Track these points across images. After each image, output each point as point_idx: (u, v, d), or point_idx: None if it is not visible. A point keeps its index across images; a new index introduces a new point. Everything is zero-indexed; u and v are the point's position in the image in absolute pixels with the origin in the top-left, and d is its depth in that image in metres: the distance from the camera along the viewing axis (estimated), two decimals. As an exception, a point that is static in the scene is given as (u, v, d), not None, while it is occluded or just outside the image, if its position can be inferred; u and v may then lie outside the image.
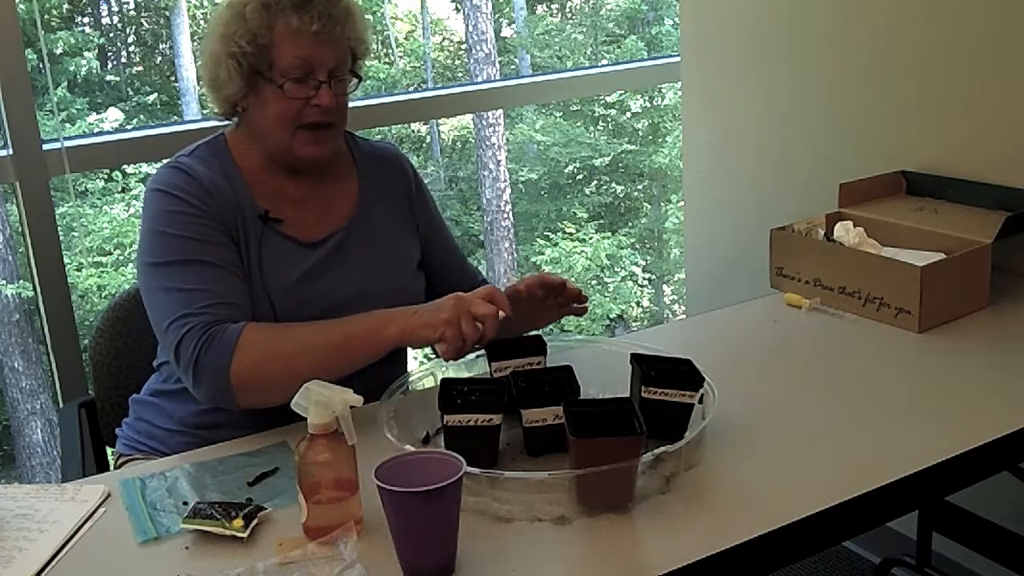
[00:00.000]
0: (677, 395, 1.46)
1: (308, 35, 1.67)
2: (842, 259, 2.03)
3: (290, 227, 1.77)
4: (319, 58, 1.68)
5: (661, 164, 11.81)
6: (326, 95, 1.69)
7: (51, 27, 10.12)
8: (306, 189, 1.81)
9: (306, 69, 1.68)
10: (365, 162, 1.89)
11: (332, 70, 1.70)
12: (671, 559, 1.22)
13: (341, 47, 1.72)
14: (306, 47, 1.67)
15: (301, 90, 1.69)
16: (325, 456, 1.27)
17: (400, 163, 1.94)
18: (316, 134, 1.72)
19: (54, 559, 1.31)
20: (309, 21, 1.66)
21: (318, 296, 1.74)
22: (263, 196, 1.77)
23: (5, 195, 8.22)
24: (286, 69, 1.68)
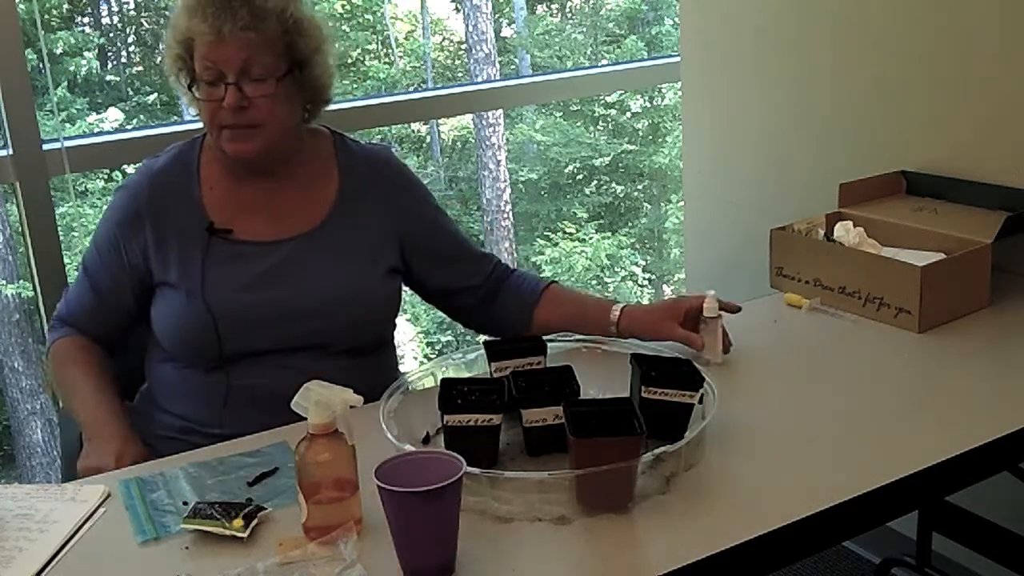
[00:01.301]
0: (677, 395, 1.46)
1: (215, 36, 1.65)
2: (842, 259, 2.03)
3: (244, 232, 1.77)
4: (224, 59, 1.66)
5: (661, 164, 11.81)
6: (231, 96, 1.66)
7: (51, 27, 10.12)
8: (269, 193, 1.80)
9: (215, 71, 1.67)
10: (350, 165, 1.86)
11: (242, 70, 1.67)
12: (671, 559, 1.22)
13: (255, 46, 1.67)
14: (212, 49, 1.66)
15: (213, 92, 1.68)
16: (325, 456, 1.26)
17: (388, 165, 1.90)
18: (236, 133, 1.70)
19: (54, 559, 1.31)
20: (215, 23, 1.65)
21: (263, 302, 1.73)
22: (218, 203, 1.78)
23: (5, 195, 8.22)
24: (199, 71, 1.69)
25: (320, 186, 1.83)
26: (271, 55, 1.69)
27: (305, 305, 1.74)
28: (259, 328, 1.73)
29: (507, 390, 1.49)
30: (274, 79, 1.69)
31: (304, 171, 1.82)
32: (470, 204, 12.20)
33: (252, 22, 1.66)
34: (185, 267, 1.74)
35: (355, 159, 1.87)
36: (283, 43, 1.71)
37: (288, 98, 1.73)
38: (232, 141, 1.71)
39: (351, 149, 1.88)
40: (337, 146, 1.88)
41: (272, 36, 1.69)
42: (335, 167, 1.85)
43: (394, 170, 1.90)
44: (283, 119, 1.74)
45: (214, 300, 1.71)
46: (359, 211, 1.83)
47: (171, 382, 1.80)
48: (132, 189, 1.81)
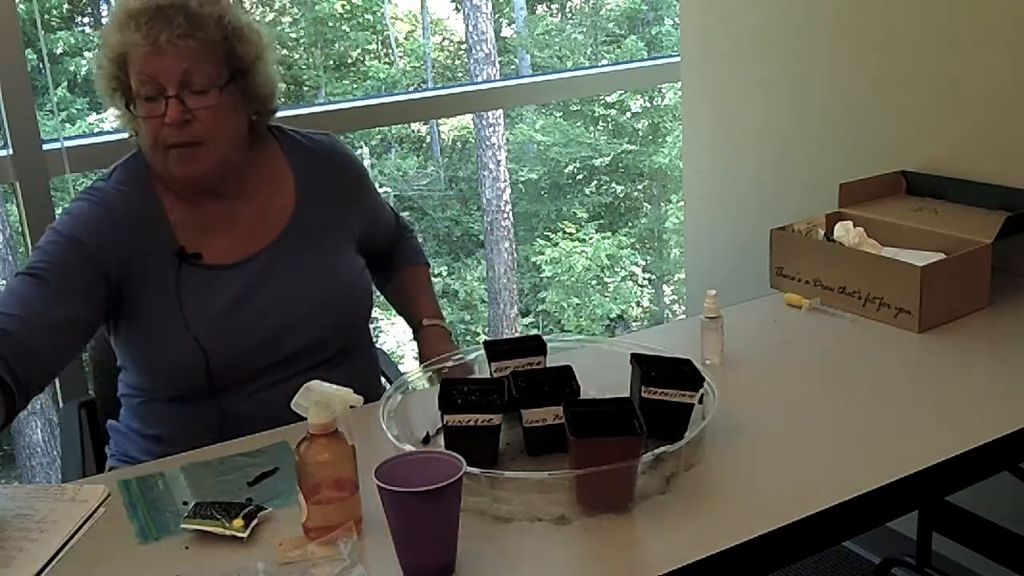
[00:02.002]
0: (677, 395, 1.46)
1: (151, 47, 1.57)
2: (842, 259, 2.03)
3: (212, 256, 1.70)
4: (162, 71, 1.57)
5: (661, 164, 11.81)
6: (173, 110, 1.57)
7: (51, 27, 10.12)
8: (228, 211, 1.73)
9: (153, 86, 1.58)
10: (301, 164, 1.80)
11: (182, 82, 1.58)
12: (671, 559, 1.22)
13: (195, 55, 1.59)
14: (149, 61, 1.58)
15: (154, 108, 1.59)
16: (325, 456, 1.26)
17: (334, 157, 1.85)
18: (183, 153, 1.61)
19: (54, 559, 1.31)
20: (150, 32, 1.57)
21: (246, 325, 1.68)
22: (184, 226, 1.70)
23: (5, 195, 8.22)
24: (136, 88, 1.60)
25: (276, 194, 1.77)
26: (211, 63, 1.61)
27: (293, 317, 1.70)
28: (250, 352, 1.68)
29: (507, 390, 1.49)
30: (217, 89, 1.61)
31: (258, 183, 1.76)
32: (470, 204, 12.20)
33: (189, 29, 1.58)
34: (159, 297, 1.66)
35: (304, 154, 1.82)
36: (223, 50, 1.63)
37: (232, 108, 1.65)
38: (179, 163, 1.62)
39: (298, 144, 1.83)
40: (284, 145, 1.81)
41: (211, 43, 1.61)
42: (288, 169, 1.80)
43: (341, 158, 1.87)
44: (229, 132, 1.66)
45: (199, 333, 1.64)
46: (319, 207, 1.79)
47: (156, 414, 1.73)
48: (99, 206, 1.67)
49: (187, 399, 1.70)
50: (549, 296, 11.16)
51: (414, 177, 12.22)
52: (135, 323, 1.69)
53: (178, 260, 1.68)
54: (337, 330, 1.75)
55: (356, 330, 1.82)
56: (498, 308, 11.04)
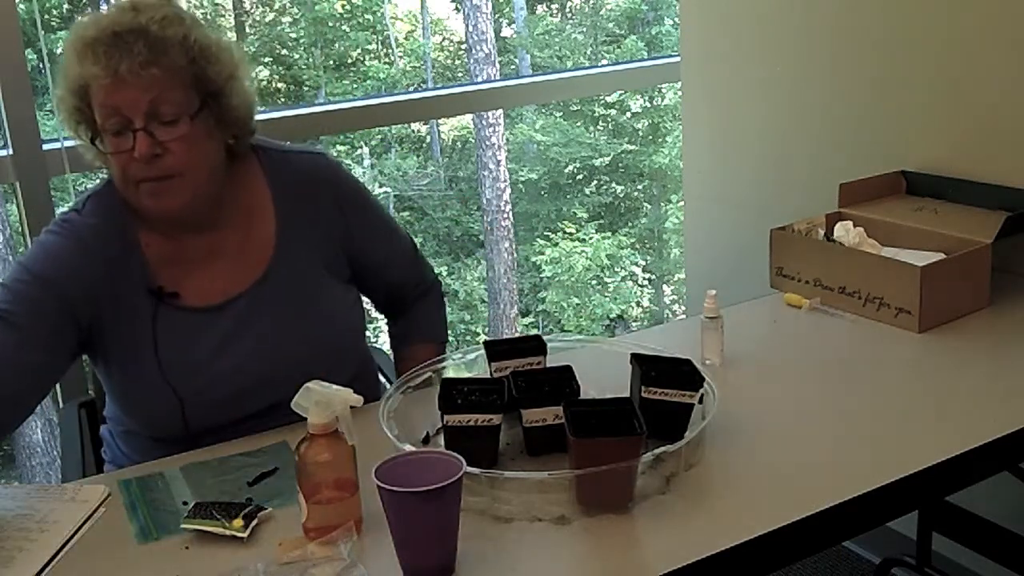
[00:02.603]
0: (677, 395, 1.46)
1: (111, 79, 1.45)
2: (842, 259, 2.02)
3: (191, 296, 1.60)
4: (127, 103, 1.46)
5: (661, 164, 11.81)
6: (142, 144, 1.46)
7: (51, 27, 10.11)
8: (208, 245, 1.62)
9: (119, 118, 1.47)
10: (283, 187, 1.68)
11: (148, 113, 1.47)
12: (671, 559, 1.22)
13: (160, 84, 1.47)
14: (111, 93, 1.46)
15: (121, 143, 1.48)
16: (325, 456, 1.26)
17: (322, 179, 1.71)
18: (155, 187, 1.50)
19: (54, 559, 1.31)
20: (109, 63, 1.45)
21: (227, 374, 1.59)
22: (160, 262, 1.60)
23: (5, 195, 8.22)
24: (101, 122, 1.49)
25: (257, 220, 1.66)
26: (179, 90, 1.49)
27: (272, 366, 1.60)
28: (227, 402, 1.60)
29: (507, 390, 1.49)
30: (188, 117, 1.50)
31: (237, 208, 1.64)
32: (470, 204, 12.20)
33: (152, 56, 1.46)
34: (134, 338, 1.58)
35: (286, 174, 1.69)
36: (190, 74, 1.51)
37: (207, 136, 1.54)
38: (152, 196, 1.51)
39: (281, 162, 1.70)
40: (265, 165, 1.68)
41: (177, 68, 1.49)
42: (267, 191, 1.67)
43: (330, 179, 1.72)
44: (204, 162, 1.54)
45: (175, 379, 1.56)
46: (301, 234, 1.67)
47: (138, 447, 1.68)
48: (70, 239, 1.58)
49: (165, 441, 1.61)
50: (549, 296, 11.17)
51: (414, 177, 12.22)
52: (110, 361, 1.62)
53: (155, 300, 1.59)
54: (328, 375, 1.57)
55: (350, 363, 1.71)
56: (498, 308, 11.04)
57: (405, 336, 1.91)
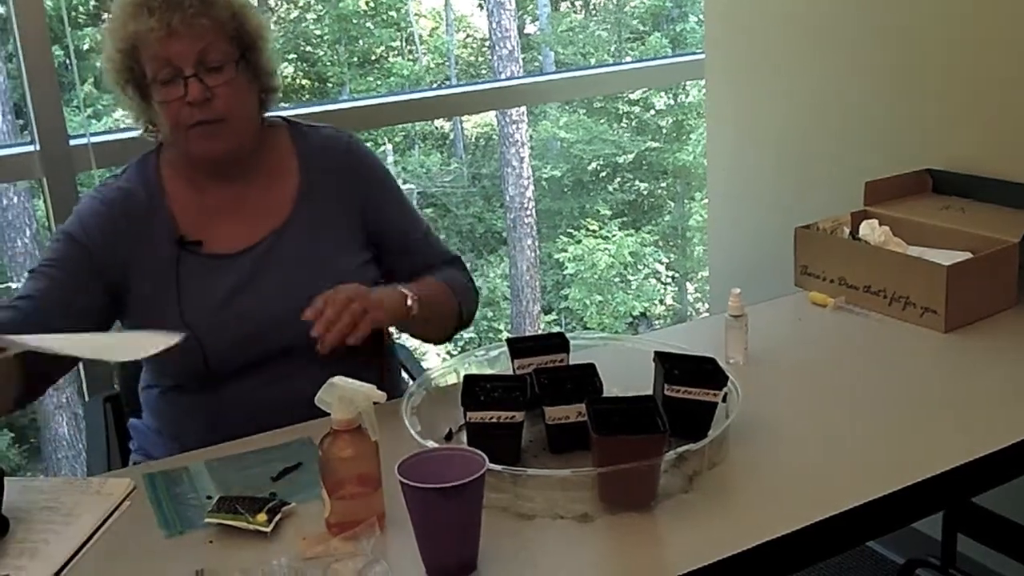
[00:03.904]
0: (700, 393, 1.45)
1: (165, 31, 1.60)
2: (867, 258, 2.01)
3: (212, 244, 1.72)
4: (179, 53, 1.61)
5: (685, 162, 11.76)
6: (194, 89, 1.61)
7: (78, 24, 10.18)
8: (234, 196, 1.75)
9: (170, 68, 1.61)
10: (309, 158, 1.80)
11: (198, 61, 1.62)
12: (693, 558, 1.22)
13: (208, 34, 1.62)
14: (164, 45, 1.61)
15: (172, 91, 1.62)
16: (348, 452, 1.27)
17: (349, 155, 1.82)
18: (204, 129, 1.64)
19: (79, 551, 1.32)
20: (163, 16, 1.60)
21: (243, 315, 1.69)
22: (185, 213, 1.73)
23: (32, 191, 8.29)
24: (152, 74, 1.63)
25: (281, 181, 1.78)
26: (224, 41, 1.65)
27: (285, 310, 1.65)
28: (243, 342, 1.68)
29: (530, 387, 1.49)
30: (232, 64, 1.65)
31: (264, 168, 1.77)
32: (493, 201, 12.20)
33: (201, 8, 1.62)
34: (159, 285, 1.69)
35: (313, 147, 1.81)
36: (232, 27, 1.67)
37: (247, 85, 1.70)
38: (202, 139, 1.65)
39: (309, 137, 1.83)
40: (294, 136, 1.82)
41: (222, 21, 1.65)
42: (294, 158, 1.80)
43: (354, 156, 1.83)
44: (246, 108, 1.70)
45: (194, 321, 1.65)
46: (321, 202, 1.78)
47: (160, 407, 1.76)
48: (91, 219, 1.72)
49: (189, 390, 1.71)
50: (572, 293, 11.14)
51: (437, 174, 12.22)
52: (135, 313, 1.72)
53: (178, 248, 1.71)
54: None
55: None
56: (521, 305, 11.03)
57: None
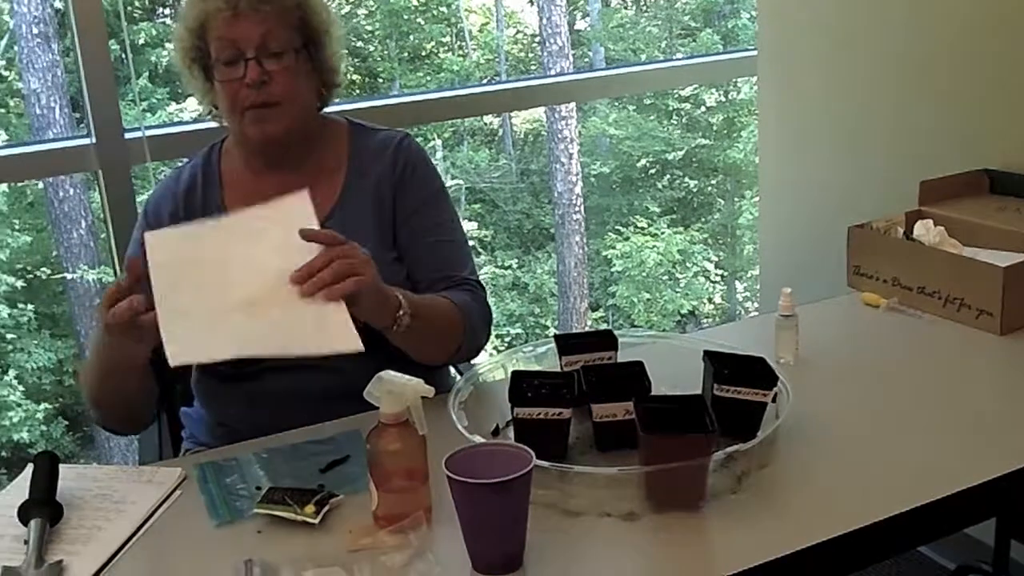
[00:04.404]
0: (750, 393, 1.44)
1: (228, 13, 1.64)
2: (922, 258, 1.99)
3: None
4: (242, 35, 1.65)
5: (736, 159, 11.67)
6: (252, 71, 1.64)
7: (133, 19, 10.32)
8: (282, 185, 1.70)
9: (233, 49, 1.65)
10: (359, 158, 1.81)
11: (260, 45, 1.65)
12: (740, 559, 1.21)
13: (272, 20, 1.66)
14: (229, 26, 1.65)
15: (232, 71, 1.66)
16: (396, 446, 1.27)
17: (392, 151, 1.81)
18: (259, 112, 1.68)
19: (131, 539, 1.34)
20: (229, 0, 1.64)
21: None
22: (238, 203, 1.74)
23: (88, 183, 8.42)
24: (216, 54, 1.67)
25: (328, 178, 1.79)
26: (286, 28, 1.68)
27: None
28: None
29: (577, 384, 1.49)
30: (292, 51, 1.68)
31: (315, 162, 1.79)
32: (541, 197, 12.19)
33: None
34: None
35: (366, 148, 1.82)
36: (296, 17, 1.70)
37: (305, 75, 1.72)
38: (256, 123, 1.69)
39: (367, 137, 1.83)
40: (353, 137, 1.84)
41: (286, 9, 1.68)
42: (346, 157, 1.81)
43: (402, 152, 1.81)
44: (302, 96, 1.72)
45: None
46: (361, 200, 1.78)
47: (207, 392, 1.78)
48: (160, 201, 1.80)
49: (234, 378, 1.71)
50: (619, 291, 11.11)
51: (486, 170, 12.24)
52: None
53: None
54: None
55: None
56: (568, 302, 11.01)
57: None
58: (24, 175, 3.89)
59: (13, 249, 8.73)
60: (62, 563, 1.28)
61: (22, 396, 8.63)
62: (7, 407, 8.48)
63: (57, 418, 9.01)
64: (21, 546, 1.30)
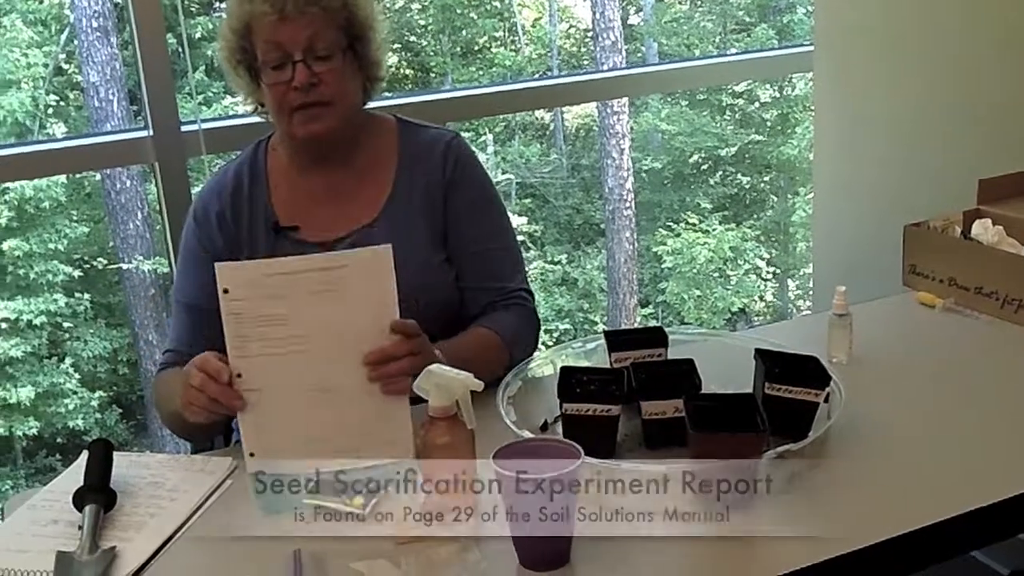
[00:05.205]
0: (802, 393, 1.43)
1: (274, 17, 1.63)
2: (980, 258, 1.95)
3: (307, 231, 1.75)
4: (289, 39, 1.64)
5: (789, 156, 11.55)
6: (301, 74, 1.63)
7: (191, 13, 10.44)
8: (331, 182, 1.78)
9: (280, 53, 1.65)
10: (408, 157, 1.80)
11: (307, 48, 1.64)
12: (790, 560, 1.20)
13: (318, 22, 1.65)
14: (275, 29, 1.64)
15: (280, 74, 1.66)
16: (445, 439, 1.28)
17: (442, 151, 1.79)
18: (308, 113, 1.67)
19: (183, 526, 1.36)
20: (273, 3, 1.63)
21: None
22: (284, 201, 1.77)
23: (144, 175, 8.55)
24: (263, 57, 1.67)
25: (377, 176, 1.78)
26: (333, 29, 1.67)
27: None
28: None
29: (626, 381, 1.48)
30: (340, 52, 1.68)
31: (363, 159, 1.79)
32: (592, 192, 12.16)
33: None
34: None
35: (415, 147, 1.81)
36: (343, 17, 1.69)
37: (352, 74, 1.72)
38: (304, 123, 1.68)
39: (415, 136, 1.82)
40: (401, 134, 1.82)
41: (333, 10, 1.67)
42: (395, 156, 1.80)
43: (452, 153, 1.79)
44: (350, 96, 1.73)
45: None
46: (411, 201, 1.77)
47: None
48: (207, 201, 1.79)
49: None
50: (669, 287, 11.05)
51: (537, 165, 12.23)
52: None
53: (274, 234, 1.75)
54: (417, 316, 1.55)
55: (441, 319, 1.71)
56: (617, 298, 10.98)
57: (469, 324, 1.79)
58: (83, 167, 3.97)
59: (71, 239, 8.88)
60: (115, 549, 1.30)
61: (78, 384, 8.80)
62: (63, 394, 8.65)
63: (111, 406, 9.17)
64: (76, 531, 1.33)
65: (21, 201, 8.47)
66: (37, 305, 8.53)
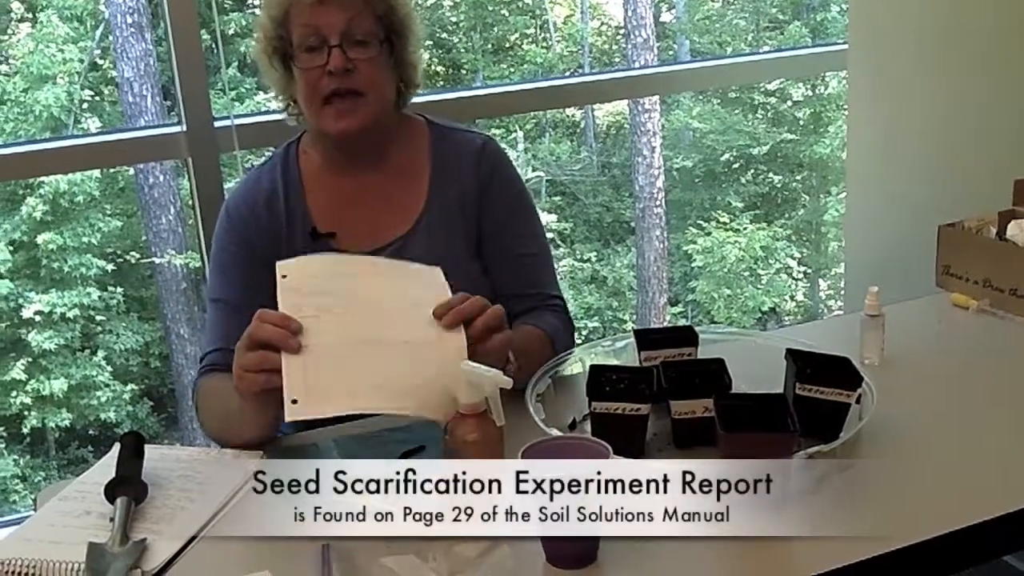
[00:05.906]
0: (833, 394, 1.42)
1: (313, 0, 1.63)
2: (1015, 260, 1.93)
3: (344, 239, 1.72)
4: (326, 22, 1.62)
5: (822, 155, 11.47)
6: (336, 58, 1.61)
7: (224, 9, 10.51)
8: (368, 188, 1.76)
9: (317, 36, 1.63)
10: (442, 160, 1.78)
11: (345, 32, 1.63)
12: (820, 562, 1.20)
13: (358, 7, 1.64)
14: (313, 13, 1.63)
15: (315, 58, 1.63)
16: (473, 436, 1.28)
17: (475, 156, 1.78)
18: (341, 105, 1.65)
19: (212, 519, 1.37)
20: None
21: None
22: (320, 205, 1.75)
23: (177, 169, 8.62)
24: (299, 41, 1.65)
25: (412, 181, 1.77)
26: (371, 17, 1.66)
27: None
28: None
29: (656, 380, 1.48)
30: (377, 41, 1.66)
31: (397, 162, 1.77)
32: (622, 190, 12.13)
33: None
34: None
35: (448, 150, 1.79)
36: (382, 8, 1.68)
37: (387, 69, 1.70)
38: (337, 118, 1.65)
39: (447, 139, 1.80)
40: (433, 136, 1.80)
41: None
42: (428, 160, 1.78)
43: (487, 157, 1.78)
44: (384, 89, 1.70)
45: None
46: (447, 208, 1.76)
47: None
48: (240, 204, 1.77)
49: None
50: (699, 286, 11.01)
51: (567, 162, 12.21)
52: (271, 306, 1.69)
53: (312, 241, 1.72)
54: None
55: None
56: (647, 296, 10.95)
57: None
58: (116, 161, 4.00)
59: (104, 233, 8.97)
60: (146, 541, 1.31)
61: (110, 376, 8.89)
62: (96, 387, 8.74)
63: (143, 399, 9.26)
64: (107, 523, 1.34)
65: (55, 195, 8.57)
66: (71, 298, 8.63)
